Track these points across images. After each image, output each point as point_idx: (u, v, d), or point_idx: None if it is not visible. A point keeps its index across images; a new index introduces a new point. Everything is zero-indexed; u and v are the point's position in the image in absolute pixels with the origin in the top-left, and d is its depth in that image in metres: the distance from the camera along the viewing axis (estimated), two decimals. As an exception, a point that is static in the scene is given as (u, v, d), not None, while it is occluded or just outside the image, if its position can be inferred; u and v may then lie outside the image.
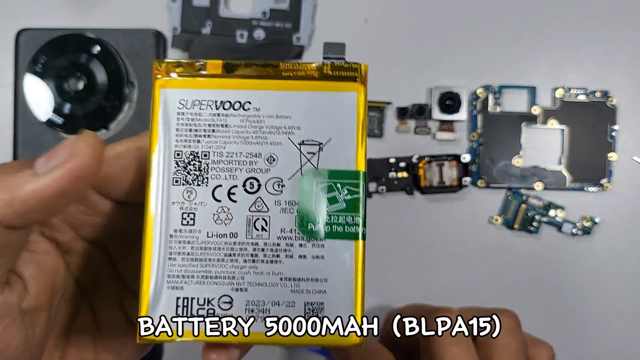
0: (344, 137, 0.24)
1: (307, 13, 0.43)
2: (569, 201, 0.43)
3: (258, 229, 0.24)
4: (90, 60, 0.42)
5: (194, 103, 0.24)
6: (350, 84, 0.24)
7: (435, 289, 0.44)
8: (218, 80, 0.24)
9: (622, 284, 0.43)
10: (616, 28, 0.43)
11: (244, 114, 0.24)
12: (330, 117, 0.24)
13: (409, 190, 0.44)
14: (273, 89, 0.24)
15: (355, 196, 0.24)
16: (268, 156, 0.24)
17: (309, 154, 0.24)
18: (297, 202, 0.24)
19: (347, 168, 0.24)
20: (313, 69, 0.24)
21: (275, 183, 0.24)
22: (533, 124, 0.43)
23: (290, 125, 0.24)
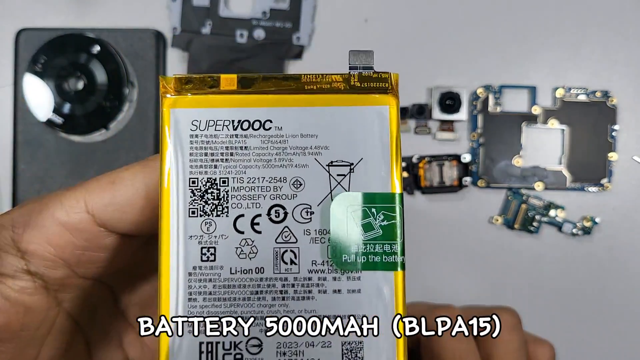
0: (377, 156, 0.21)
1: (307, 13, 0.43)
2: (569, 201, 0.43)
3: (287, 262, 0.21)
4: (90, 60, 0.42)
5: (209, 124, 0.21)
6: (380, 97, 0.22)
7: (435, 289, 0.44)
8: (233, 98, 0.21)
9: (623, 284, 0.43)
10: (617, 28, 0.43)
11: (264, 134, 0.21)
12: (361, 134, 0.21)
13: (410, 190, 0.44)
14: (296, 105, 0.21)
15: (392, 222, 0.21)
16: (294, 180, 0.21)
17: (339, 177, 0.21)
18: (328, 231, 0.21)
19: (382, 190, 0.21)
20: (339, 80, 0.21)
21: (303, 210, 0.21)
22: (533, 123, 0.43)
23: (317, 144, 0.21)
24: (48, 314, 0.23)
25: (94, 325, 0.25)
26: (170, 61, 0.44)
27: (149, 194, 0.22)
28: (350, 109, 0.21)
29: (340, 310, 0.21)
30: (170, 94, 0.21)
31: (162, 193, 0.21)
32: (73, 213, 0.22)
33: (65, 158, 0.43)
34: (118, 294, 0.26)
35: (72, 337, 0.25)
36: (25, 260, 0.22)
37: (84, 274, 0.23)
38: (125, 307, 0.26)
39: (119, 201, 0.22)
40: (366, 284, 0.21)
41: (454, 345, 0.32)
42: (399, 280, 0.22)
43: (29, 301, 0.22)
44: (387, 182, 0.21)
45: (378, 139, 0.21)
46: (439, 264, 0.44)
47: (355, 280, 0.21)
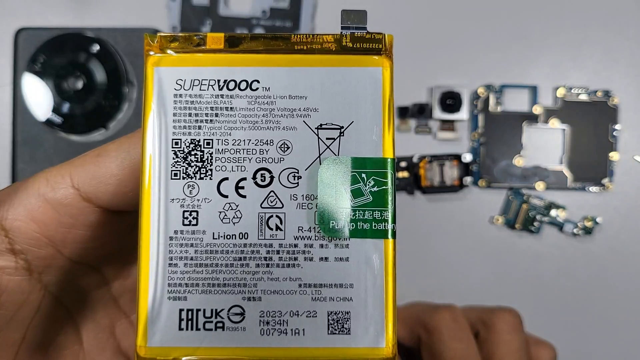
0: (369, 119, 0.20)
1: (307, 12, 0.43)
2: (570, 201, 0.43)
3: (272, 228, 0.21)
4: (89, 59, 0.42)
5: (194, 83, 0.20)
6: (373, 58, 0.20)
7: (436, 289, 0.44)
8: (220, 56, 0.20)
9: (624, 284, 0.43)
10: (618, 27, 0.43)
11: (251, 94, 0.20)
12: (352, 96, 0.20)
13: (410, 190, 0.43)
14: (284, 65, 0.20)
15: (383, 187, 0.20)
16: (281, 143, 0.20)
17: (328, 140, 0.20)
18: (316, 196, 0.20)
19: (373, 155, 0.20)
20: (330, 40, 0.20)
21: (290, 174, 0.21)
22: (534, 123, 0.43)
23: (305, 106, 0.20)
24: (30, 297, 0.22)
25: (84, 312, 0.25)
26: (170, 60, 0.44)
27: (134, 165, 0.21)
28: (342, 70, 0.20)
29: (327, 279, 0.20)
30: (155, 51, 0.20)
31: (143, 154, 0.20)
32: (58, 188, 0.21)
33: (65, 158, 0.43)
34: (110, 280, 0.25)
35: (61, 323, 0.24)
36: (8, 239, 0.21)
37: (70, 254, 0.23)
38: (118, 295, 0.26)
39: (103, 173, 0.21)
40: (355, 252, 0.20)
41: (455, 345, 0.32)
42: (389, 248, 0.20)
43: (6, 281, 0.21)
44: (378, 147, 0.20)
45: (370, 102, 0.20)
46: (440, 264, 0.44)
47: (344, 247, 0.20)
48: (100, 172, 0.21)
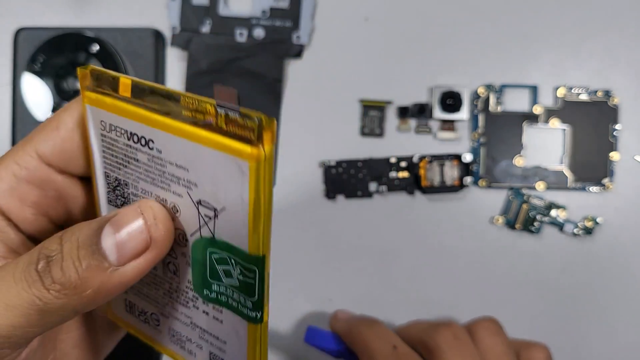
0: (238, 211, 0.19)
1: (307, 11, 0.43)
2: (570, 201, 0.43)
3: (171, 271, 0.23)
4: (89, 59, 0.42)
5: (112, 127, 0.21)
6: (243, 148, 0.18)
7: (436, 289, 0.44)
8: (128, 108, 0.20)
9: (624, 284, 0.43)
10: (618, 27, 0.43)
11: (149, 152, 0.21)
12: (225, 182, 0.19)
13: (410, 190, 0.43)
14: (172, 133, 0.19)
15: (248, 280, 0.20)
16: (172, 205, 0.21)
17: (206, 217, 0.20)
18: (194, 260, 0.21)
19: (240, 247, 0.20)
20: (212, 112, 0.18)
21: (179, 234, 0.21)
22: (535, 123, 0.43)
23: (188, 178, 0.20)
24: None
25: None
26: (170, 60, 0.44)
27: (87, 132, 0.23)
28: (215, 152, 0.18)
29: (208, 328, 0.23)
30: (87, 84, 0.21)
31: (93, 176, 0.23)
32: (32, 169, 0.23)
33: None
34: None
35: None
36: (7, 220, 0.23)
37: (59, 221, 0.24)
38: None
39: (69, 147, 0.23)
40: (227, 319, 0.22)
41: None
42: (254, 332, 0.21)
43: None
44: (245, 242, 0.19)
45: (238, 195, 0.19)
46: (440, 265, 0.43)
47: (218, 311, 0.22)
48: (66, 146, 0.23)
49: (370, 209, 0.44)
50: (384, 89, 0.43)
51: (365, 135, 0.43)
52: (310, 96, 0.44)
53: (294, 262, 0.44)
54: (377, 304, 0.44)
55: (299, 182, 0.44)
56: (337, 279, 0.44)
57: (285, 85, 0.44)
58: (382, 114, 0.43)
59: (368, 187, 0.43)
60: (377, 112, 0.43)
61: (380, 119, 0.43)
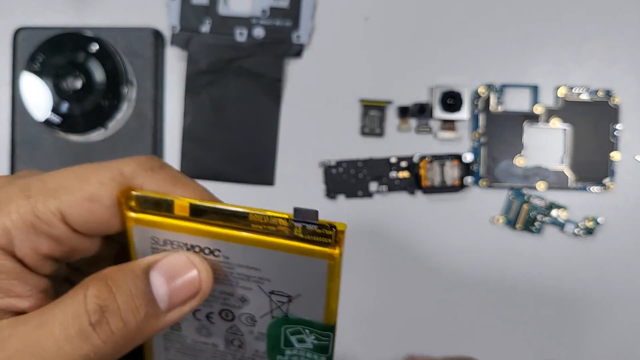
0: (315, 295, 0.22)
1: (307, 11, 0.43)
2: (571, 201, 0.43)
3: (235, 345, 0.25)
4: (88, 58, 0.42)
5: (166, 242, 0.22)
6: (322, 250, 0.21)
7: (436, 289, 0.43)
8: (186, 225, 0.22)
9: (625, 284, 0.43)
10: (619, 26, 0.43)
11: (214, 259, 0.23)
12: (301, 276, 0.22)
13: (411, 190, 0.43)
14: (243, 243, 0.22)
15: (323, 343, 0.24)
16: (240, 296, 0.24)
17: (279, 302, 0.23)
18: (267, 335, 0.24)
19: (317, 320, 0.23)
20: (284, 225, 0.21)
21: (247, 317, 0.24)
22: (535, 123, 0.43)
23: (260, 276, 0.23)
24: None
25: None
26: (169, 60, 0.44)
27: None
28: (292, 256, 0.21)
29: None
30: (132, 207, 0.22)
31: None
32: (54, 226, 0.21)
33: (64, 157, 0.43)
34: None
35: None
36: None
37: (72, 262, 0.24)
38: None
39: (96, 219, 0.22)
40: None
41: None
42: None
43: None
44: (320, 316, 0.23)
45: (318, 284, 0.22)
46: (440, 264, 0.43)
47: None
48: (95, 220, 0.21)
49: (370, 209, 0.44)
50: (384, 89, 0.43)
51: (366, 135, 0.43)
52: (310, 96, 0.44)
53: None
54: (377, 304, 0.43)
55: (299, 182, 0.44)
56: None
57: (285, 85, 0.44)
58: (383, 114, 0.43)
59: (368, 187, 0.43)
60: (378, 112, 0.43)
61: (380, 118, 0.43)
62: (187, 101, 0.43)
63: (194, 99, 0.43)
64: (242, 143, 0.43)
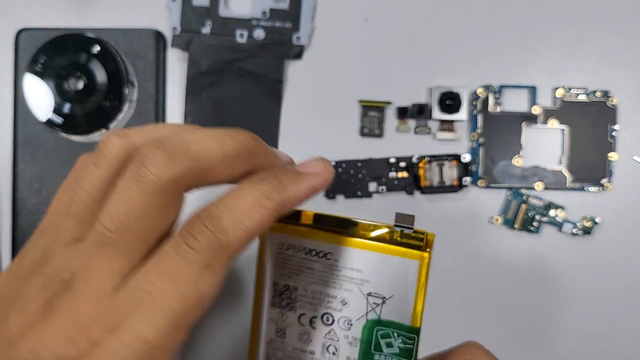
0: (405, 295, 0.27)
1: (307, 12, 0.43)
2: (569, 201, 0.43)
3: (330, 352, 0.29)
4: (90, 59, 0.42)
5: (289, 246, 0.28)
6: (415, 252, 0.27)
7: (434, 288, 0.44)
8: (309, 231, 0.27)
9: (622, 284, 0.43)
10: (617, 27, 0.43)
11: (326, 262, 0.28)
12: (395, 277, 0.27)
13: (409, 190, 0.44)
14: (351, 246, 0.27)
15: (408, 346, 0.28)
16: (342, 299, 0.28)
17: (374, 304, 0.28)
18: (360, 339, 0.28)
19: (404, 322, 0.27)
20: (385, 233, 0.27)
21: (345, 321, 0.28)
22: (533, 123, 0.43)
23: (361, 278, 0.28)
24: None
25: None
26: (170, 61, 0.44)
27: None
28: (391, 257, 0.27)
29: None
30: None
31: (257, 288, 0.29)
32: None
33: (65, 158, 0.43)
34: None
35: None
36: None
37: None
38: None
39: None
40: None
41: None
42: None
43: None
44: (409, 317, 0.27)
45: (408, 284, 0.27)
46: (439, 264, 0.44)
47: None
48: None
49: (370, 208, 0.44)
50: (384, 90, 0.44)
51: (365, 136, 0.44)
52: (310, 97, 0.44)
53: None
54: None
55: (299, 182, 0.44)
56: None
57: (286, 86, 0.44)
58: (382, 115, 0.43)
59: (368, 187, 0.44)
60: (377, 113, 0.43)
61: (379, 119, 0.43)
62: (188, 102, 0.44)
63: (195, 99, 0.44)
64: (242, 143, 0.44)
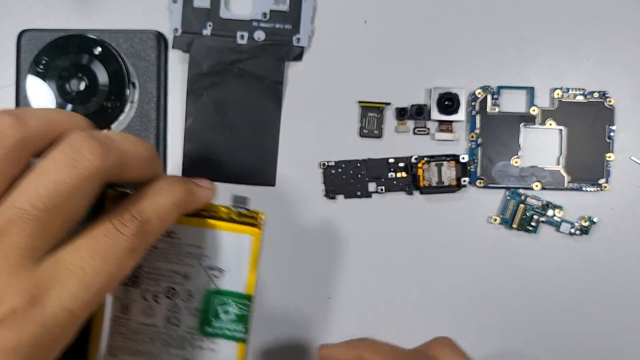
0: (241, 267, 0.31)
1: (307, 14, 0.43)
2: (567, 201, 0.44)
3: (172, 324, 0.32)
4: (92, 61, 0.43)
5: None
6: (249, 229, 0.31)
7: (433, 288, 0.44)
8: None
9: (620, 283, 0.43)
10: (614, 29, 0.44)
11: (170, 240, 0.31)
12: (232, 251, 0.31)
13: (408, 190, 0.44)
14: (192, 225, 0.31)
15: (243, 312, 0.31)
16: (184, 273, 0.31)
17: (213, 277, 0.32)
18: (200, 309, 0.31)
19: (240, 291, 0.31)
20: (224, 212, 0.31)
21: (186, 293, 0.32)
22: (531, 124, 0.44)
23: (201, 253, 0.31)
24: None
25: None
26: (172, 62, 0.45)
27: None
28: (227, 233, 0.31)
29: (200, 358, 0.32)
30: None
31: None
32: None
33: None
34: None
35: None
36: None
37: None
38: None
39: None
40: (220, 346, 0.32)
41: None
42: (240, 349, 0.32)
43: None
44: (244, 286, 0.31)
45: (243, 256, 0.31)
46: (438, 264, 0.44)
47: (213, 343, 0.32)
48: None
49: (369, 208, 0.44)
50: (383, 91, 0.44)
51: (364, 136, 0.44)
52: (310, 98, 0.44)
53: (294, 261, 0.44)
54: (375, 303, 0.44)
55: (299, 182, 0.44)
56: (336, 277, 0.44)
57: (286, 87, 0.44)
58: (381, 115, 0.44)
59: (367, 187, 0.44)
60: (376, 114, 0.44)
61: (379, 120, 0.44)
62: (189, 103, 0.44)
63: (195, 100, 0.44)
64: (243, 144, 0.44)
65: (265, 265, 0.44)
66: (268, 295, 0.44)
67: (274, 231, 0.44)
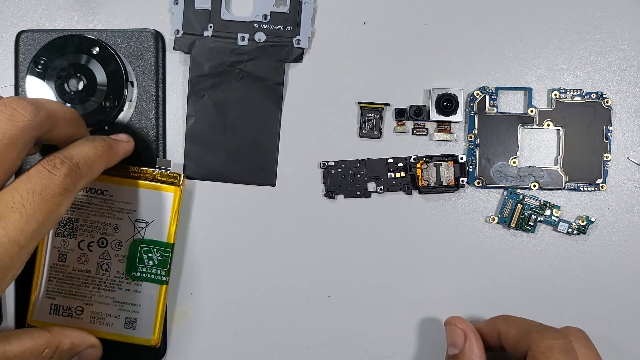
0: (164, 219, 0.39)
1: (307, 16, 0.44)
2: (564, 201, 0.44)
3: (103, 269, 0.40)
4: (90, 60, 0.43)
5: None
6: (171, 187, 0.39)
7: (433, 288, 0.44)
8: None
9: (617, 283, 0.44)
10: (611, 30, 0.44)
11: (102, 197, 0.39)
12: (156, 205, 0.39)
13: (407, 190, 0.44)
14: (122, 184, 0.39)
15: (164, 258, 0.40)
16: (114, 226, 0.40)
17: (140, 228, 0.39)
18: (128, 257, 0.40)
19: (162, 240, 0.40)
20: (150, 173, 0.39)
21: (116, 243, 0.40)
22: (529, 125, 0.44)
23: (130, 208, 0.39)
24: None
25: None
26: (173, 63, 0.45)
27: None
28: (152, 191, 0.40)
29: (128, 300, 0.40)
30: None
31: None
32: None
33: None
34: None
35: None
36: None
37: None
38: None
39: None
40: (144, 288, 0.40)
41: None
42: (162, 290, 0.40)
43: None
44: (165, 236, 0.40)
45: (165, 210, 0.39)
46: (436, 263, 0.44)
47: (138, 285, 0.40)
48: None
49: (368, 208, 0.44)
50: (382, 92, 0.44)
51: (364, 137, 0.44)
52: (310, 98, 0.44)
53: (293, 261, 0.44)
54: (375, 303, 0.44)
55: (299, 182, 0.44)
56: (336, 276, 0.44)
57: (286, 88, 0.44)
58: (380, 116, 0.44)
59: (367, 187, 0.44)
60: (375, 114, 0.44)
61: (378, 120, 0.44)
62: (190, 104, 0.44)
63: (197, 101, 0.44)
64: (244, 145, 0.44)
65: (265, 265, 0.44)
66: (268, 294, 0.44)
67: (274, 231, 0.44)
